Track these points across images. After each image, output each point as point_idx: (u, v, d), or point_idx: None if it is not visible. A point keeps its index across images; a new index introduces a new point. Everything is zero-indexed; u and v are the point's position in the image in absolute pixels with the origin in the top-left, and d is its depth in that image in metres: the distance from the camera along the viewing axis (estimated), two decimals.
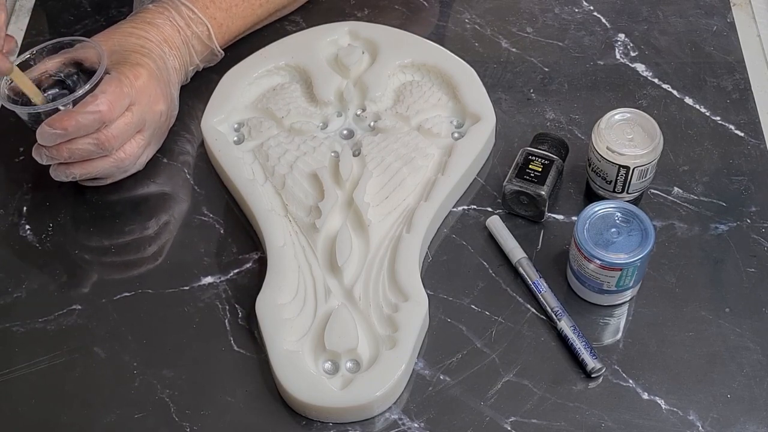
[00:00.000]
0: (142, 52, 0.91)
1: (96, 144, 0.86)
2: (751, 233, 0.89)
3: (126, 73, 0.88)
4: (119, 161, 0.89)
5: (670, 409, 0.80)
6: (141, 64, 0.89)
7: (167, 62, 0.93)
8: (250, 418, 0.81)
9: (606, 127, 0.86)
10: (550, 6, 1.08)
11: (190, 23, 0.96)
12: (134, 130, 0.89)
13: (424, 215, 0.88)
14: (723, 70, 1.01)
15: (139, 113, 0.88)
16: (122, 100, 0.86)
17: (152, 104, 0.90)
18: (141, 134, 0.90)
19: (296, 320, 0.83)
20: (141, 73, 0.89)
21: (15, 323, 0.86)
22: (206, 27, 0.96)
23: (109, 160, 0.89)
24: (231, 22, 0.99)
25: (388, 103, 0.97)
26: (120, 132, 0.87)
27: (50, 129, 0.84)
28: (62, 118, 0.84)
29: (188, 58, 0.97)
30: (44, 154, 0.87)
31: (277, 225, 0.88)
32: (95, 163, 0.88)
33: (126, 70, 0.88)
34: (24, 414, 0.82)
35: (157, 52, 0.92)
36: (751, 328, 0.84)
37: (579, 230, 0.81)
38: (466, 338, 0.84)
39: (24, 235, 0.92)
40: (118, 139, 0.87)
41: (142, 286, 0.88)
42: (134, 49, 0.91)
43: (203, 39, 0.97)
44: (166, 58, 0.93)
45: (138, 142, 0.90)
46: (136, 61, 0.89)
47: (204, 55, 0.99)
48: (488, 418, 0.80)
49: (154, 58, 0.91)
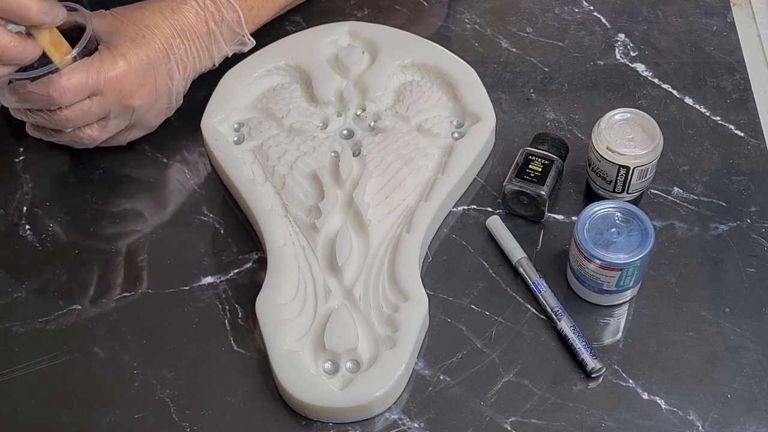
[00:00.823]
0: (138, 43, 0.89)
1: (51, 121, 0.87)
2: (751, 233, 0.89)
3: (102, 60, 0.86)
4: (76, 137, 0.90)
5: (670, 409, 0.80)
6: (125, 55, 0.87)
7: (170, 56, 0.91)
8: (250, 418, 0.81)
9: (606, 127, 0.86)
10: (550, 6, 1.08)
11: (220, 8, 0.93)
12: (94, 117, 0.88)
13: (424, 215, 0.88)
14: (723, 70, 1.01)
15: (101, 103, 0.87)
16: (80, 89, 0.85)
17: (123, 98, 0.88)
18: (104, 121, 0.90)
19: (296, 320, 0.83)
20: (118, 65, 0.87)
21: (15, 323, 0.86)
22: (237, 13, 0.94)
23: (67, 135, 0.90)
24: (261, 5, 0.97)
25: (388, 103, 0.97)
26: (74, 116, 0.87)
27: (8, 93, 0.85)
28: (20, 89, 0.84)
29: (213, 46, 0.94)
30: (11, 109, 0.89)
31: (277, 225, 0.88)
32: (55, 133, 0.90)
33: (105, 57, 0.87)
34: (24, 414, 0.82)
35: (159, 45, 0.90)
36: (751, 328, 0.84)
37: (579, 230, 0.81)
38: (466, 338, 0.84)
39: (24, 235, 0.92)
40: (71, 121, 0.87)
41: (142, 286, 0.88)
42: (132, 37, 0.89)
43: (233, 26, 0.95)
44: (171, 51, 0.91)
45: (100, 127, 0.90)
46: (122, 51, 0.88)
47: (233, 43, 0.97)
48: (488, 418, 0.80)
49: (149, 52, 0.89)
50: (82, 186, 0.95)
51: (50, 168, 0.97)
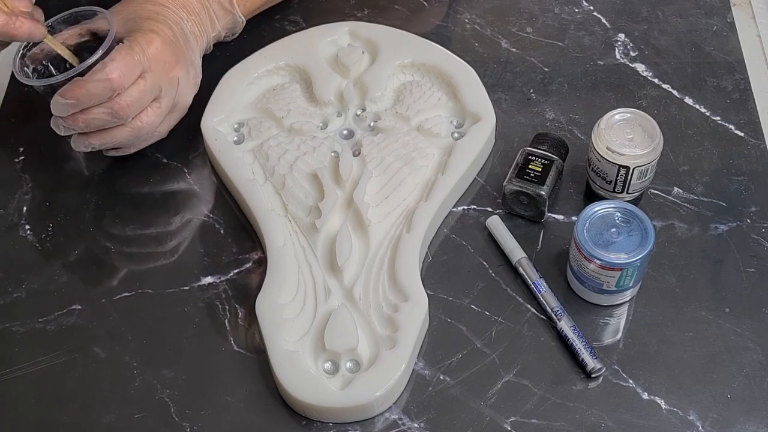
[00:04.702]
0: (157, 19, 0.89)
1: (110, 113, 0.85)
2: (751, 233, 0.89)
3: (138, 40, 0.86)
4: (137, 130, 0.88)
5: (670, 409, 0.80)
6: (154, 31, 0.88)
7: (185, 28, 0.92)
8: (250, 418, 0.81)
9: (606, 127, 0.86)
10: (550, 6, 1.08)
11: None
12: (150, 97, 0.88)
13: (424, 215, 0.88)
14: (723, 70, 1.01)
15: (152, 80, 0.87)
16: (133, 68, 0.85)
17: (167, 70, 0.89)
18: (158, 101, 0.89)
19: (296, 320, 0.83)
20: (153, 40, 0.87)
21: (15, 323, 0.86)
22: None
23: (126, 129, 0.88)
24: None
25: (388, 103, 0.97)
26: (134, 100, 0.86)
27: (62, 99, 0.83)
28: (72, 88, 0.83)
29: (209, 23, 0.95)
30: (61, 125, 0.86)
31: (277, 225, 0.88)
32: (112, 132, 0.88)
33: (138, 37, 0.87)
34: (24, 414, 0.82)
35: (173, 18, 0.90)
36: (751, 328, 0.84)
37: (579, 230, 0.81)
38: (466, 338, 0.84)
39: (24, 235, 0.92)
40: (132, 107, 0.86)
41: (142, 286, 0.88)
42: (149, 15, 0.89)
43: (224, 4, 0.95)
44: (184, 23, 0.92)
45: (155, 110, 0.89)
46: (149, 28, 0.88)
47: (225, 22, 0.97)
48: (488, 418, 0.80)
49: (170, 24, 0.90)
50: (82, 186, 0.95)
51: (50, 168, 0.97)
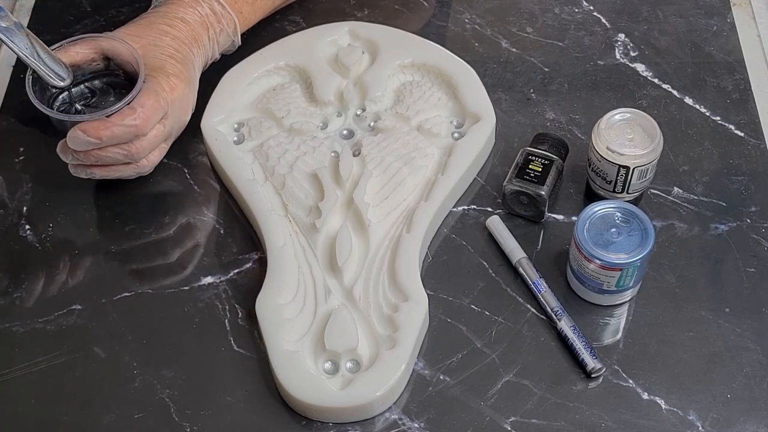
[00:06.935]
0: (177, 58, 0.90)
1: (126, 154, 0.86)
2: (751, 233, 0.89)
3: (163, 85, 0.87)
4: (141, 168, 0.89)
5: (670, 409, 0.80)
6: (178, 75, 0.89)
7: (196, 64, 0.93)
8: (250, 418, 0.81)
9: (606, 127, 0.86)
10: (550, 6, 1.08)
11: (220, 19, 0.95)
12: (162, 140, 0.89)
13: (424, 215, 0.88)
14: (723, 70, 1.01)
15: (169, 125, 0.89)
16: (158, 114, 0.86)
17: (182, 115, 0.91)
18: (166, 142, 0.91)
19: (296, 320, 0.83)
20: (177, 86, 0.88)
21: (15, 323, 0.86)
22: (234, 22, 0.96)
23: (131, 167, 0.89)
24: (254, 15, 1.00)
25: (388, 103, 0.97)
26: (150, 144, 0.87)
27: (84, 136, 0.83)
28: (98, 127, 0.83)
29: (211, 53, 0.97)
30: (70, 154, 0.87)
31: (277, 225, 0.88)
32: (118, 167, 0.88)
33: (163, 81, 0.87)
34: (24, 414, 0.82)
35: (189, 57, 0.92)
36: (751, 328, 0.84)
37: (579, 230, 0.81)
38: (466, 338, 0.84)
39: (24, 235, 0.92)
40: (146, 150, 0.87)
41: (142, 286, 0.88)
42: (170, 53, 0.90)
43: (229, 33, 0.97)
44: (195, 59, 0.93)
45: (162, 150, 0.90)
46: (174, 71, 0.89)
47: (225, 48, 0.99)
48: (488, 418, 0.80)
49: (188, 65, 0.91)
50: (82, 186, 0.95)
51: (50, 168, 0.96)
